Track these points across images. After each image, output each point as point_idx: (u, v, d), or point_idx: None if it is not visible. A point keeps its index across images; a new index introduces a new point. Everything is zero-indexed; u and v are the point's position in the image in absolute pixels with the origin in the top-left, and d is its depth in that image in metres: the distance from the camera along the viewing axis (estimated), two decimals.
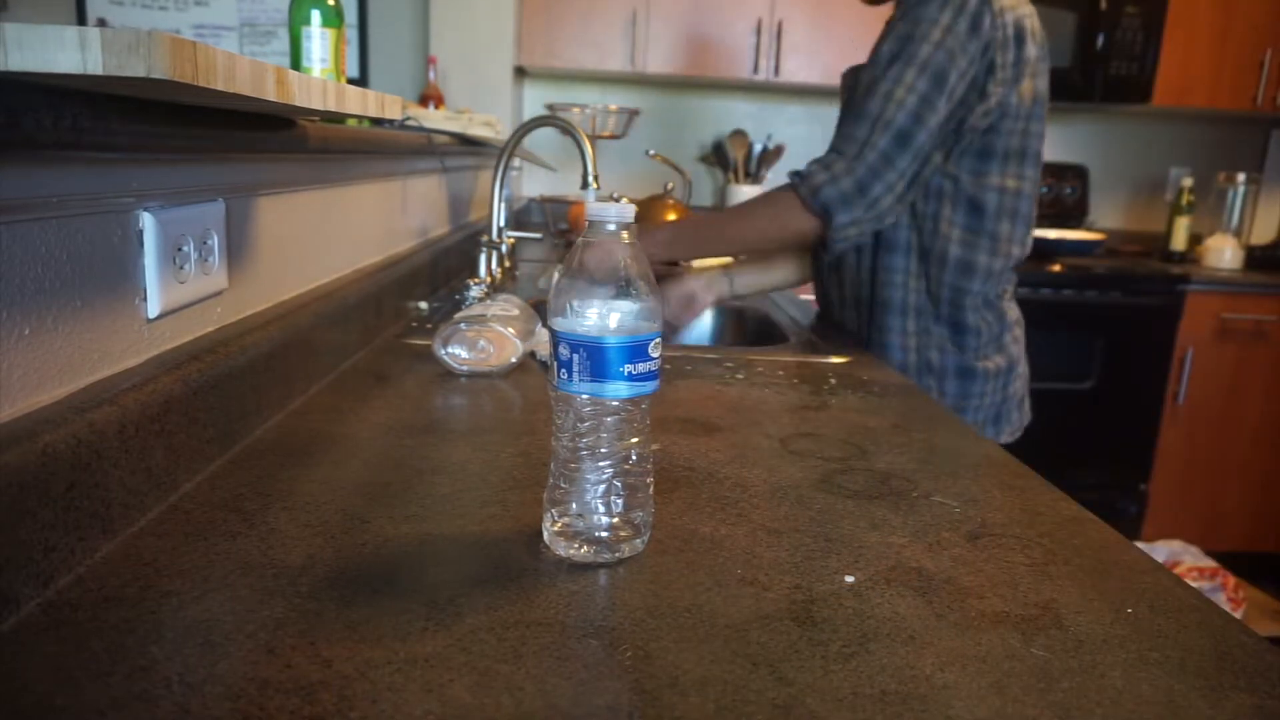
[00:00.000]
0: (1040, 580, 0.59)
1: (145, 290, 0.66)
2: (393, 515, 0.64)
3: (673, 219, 1.75)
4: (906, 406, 1.02)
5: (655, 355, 0.58)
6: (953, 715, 0.44)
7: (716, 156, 3.39)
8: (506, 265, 1.61)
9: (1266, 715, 0.46)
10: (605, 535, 0.59)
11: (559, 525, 0.59)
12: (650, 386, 0.58)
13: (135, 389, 0.59)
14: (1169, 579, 0.61)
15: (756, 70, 3.06)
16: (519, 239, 1.76)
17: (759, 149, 3.31)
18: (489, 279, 1.49)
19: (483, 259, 1.52)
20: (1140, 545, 1.47)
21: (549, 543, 0.60)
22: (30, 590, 0.49)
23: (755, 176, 3.30)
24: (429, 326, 1.26)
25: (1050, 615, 0.55)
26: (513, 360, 1.04)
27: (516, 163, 2.95)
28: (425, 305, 1.40)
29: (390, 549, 0.59)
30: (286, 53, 1.32)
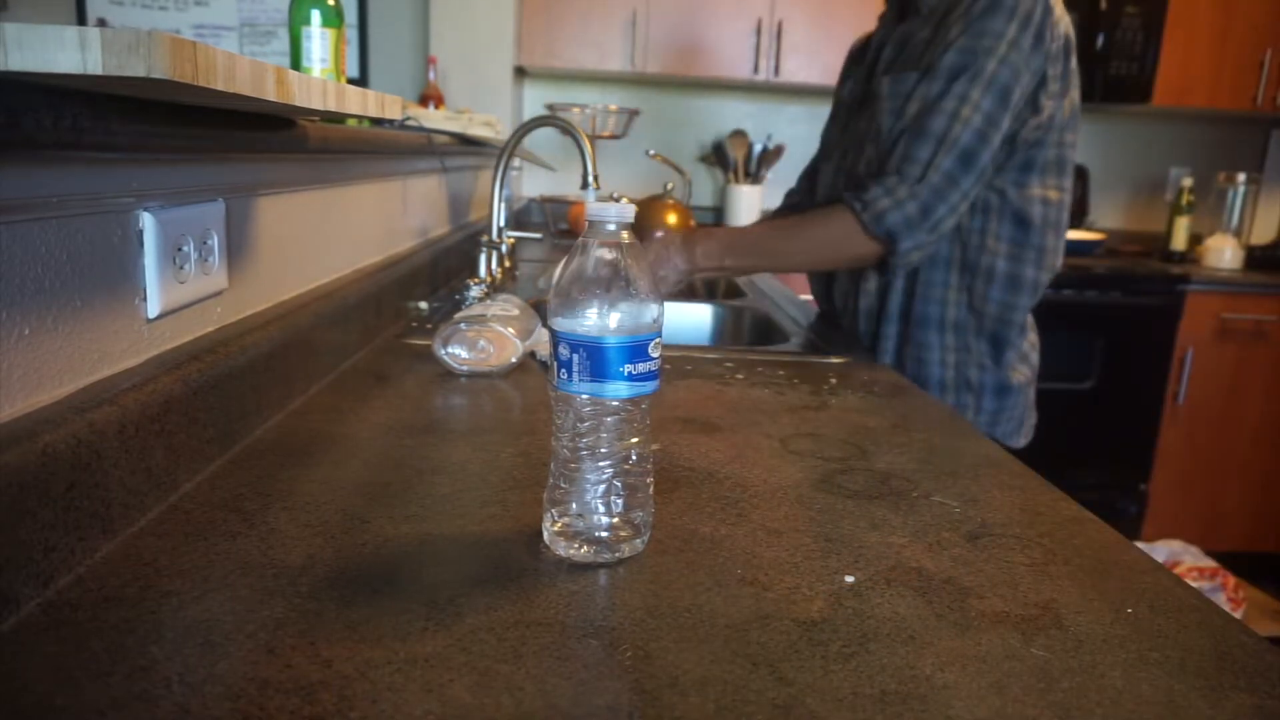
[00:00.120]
0: (1040, 580, 0.59)
1: (145, 290, 0.66)
2: (393, 515, 0.64)
3: (705, 227, 1.73)
4: (906, 406, 1.02)
5: (655, 355, 0.58)
6: (953, 715, 0.44)
7: (716, 156, 3.39)
8: (506, 265, 1.61)
9: (1266, 715, 0.46)
10: (605, 535, 0.59)
11: (559, 525, 0.59)
12: (650, 386, 0.58)
13: (135, 389, 0.59)
14: (1169, 579, 0.61)
15: (756, 70, 3.06)
16: (519, 239, 1.76)
17: (759, 149, 3.31)
18: (489, 279, 1.49)
19: (483, 259, 1.52)
20: (1140, 545, 1.46)
21: (549, 543, 0.60)
22: (30, 590, 0.49)
23: (755, 176, 3.30)
24: (429, 326, 1.26)
25: (1050, 615, 0.55)
26: (513, 360, 1.04)
27: (516, 163, 2.95)
28: (425, 305, 1.40)
29: (390, 549, 0.59)
30: (286, 53, 1.32)
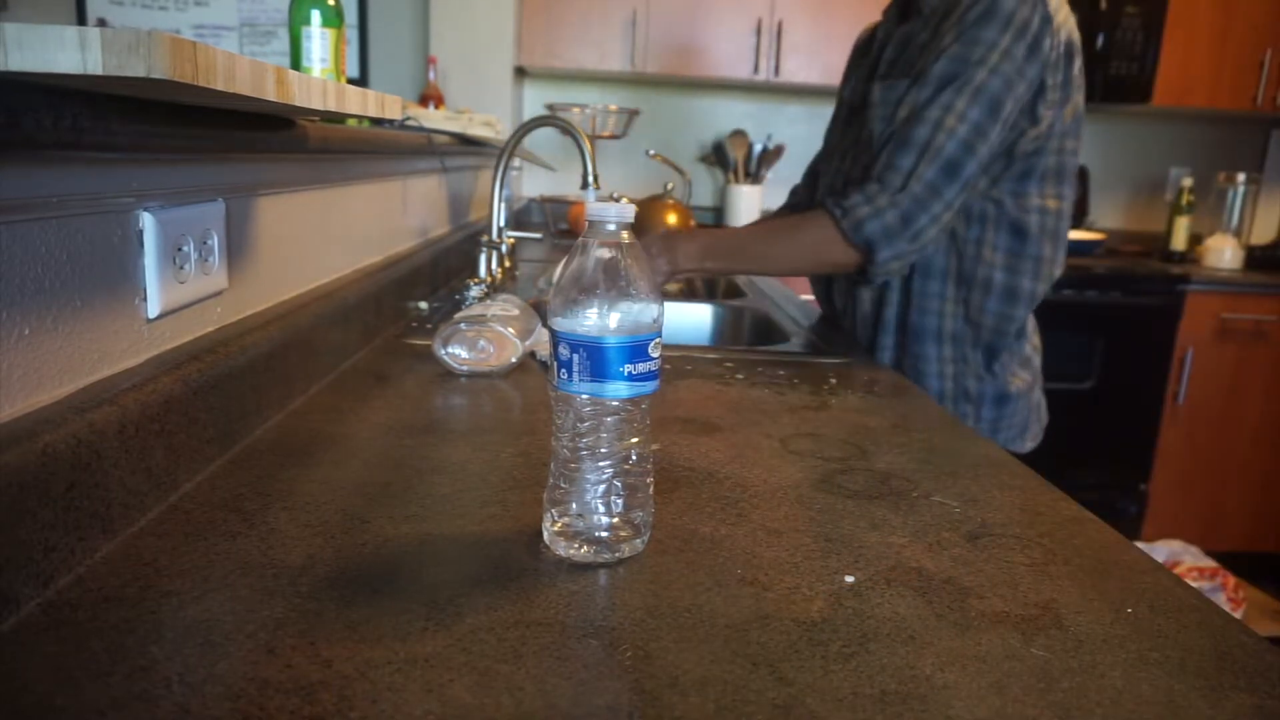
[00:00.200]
0: (1040, 580, 0.59)
1: (145, 290, 0.66)
2: (393, 515, 0.64)
3: (702, 228, 1.72)
4: (906, 406, 1.02)
5: (655, 355, 0.58)
6: (953, 715, 0.44)
7: (716, 156, 3.39)
8: (506, 265, 1.61)
9: (1266, 715, 0.46)
10: (605, 535, 0.59)
11: (559, 525, 0.59)
12: (650, 386, 0.58)
13: (135, 389, 0.59)
14: (1169, 579, 0.61)
15: (756, 70, 3.06)
16: (519, 239, 1.76)
17: (759, 149, 3.31)
18: (489, 279, 1.49)
19: (483, 259, 1.52)
20: (1140, 545, 1.46)
21: (549, 543, 0.60)
22: (30, 590, 0.49)
23: (755, 176, 3.30)
24: (429, 326, 1.26)
25: (1050, 615, 0.55)
26: (513, 360, 1.04)
27: (516, 163, 2.95)
28: (425, 305, 1.40)
29: (390, 549, 0.59)
30: (286, 53, 1.32)
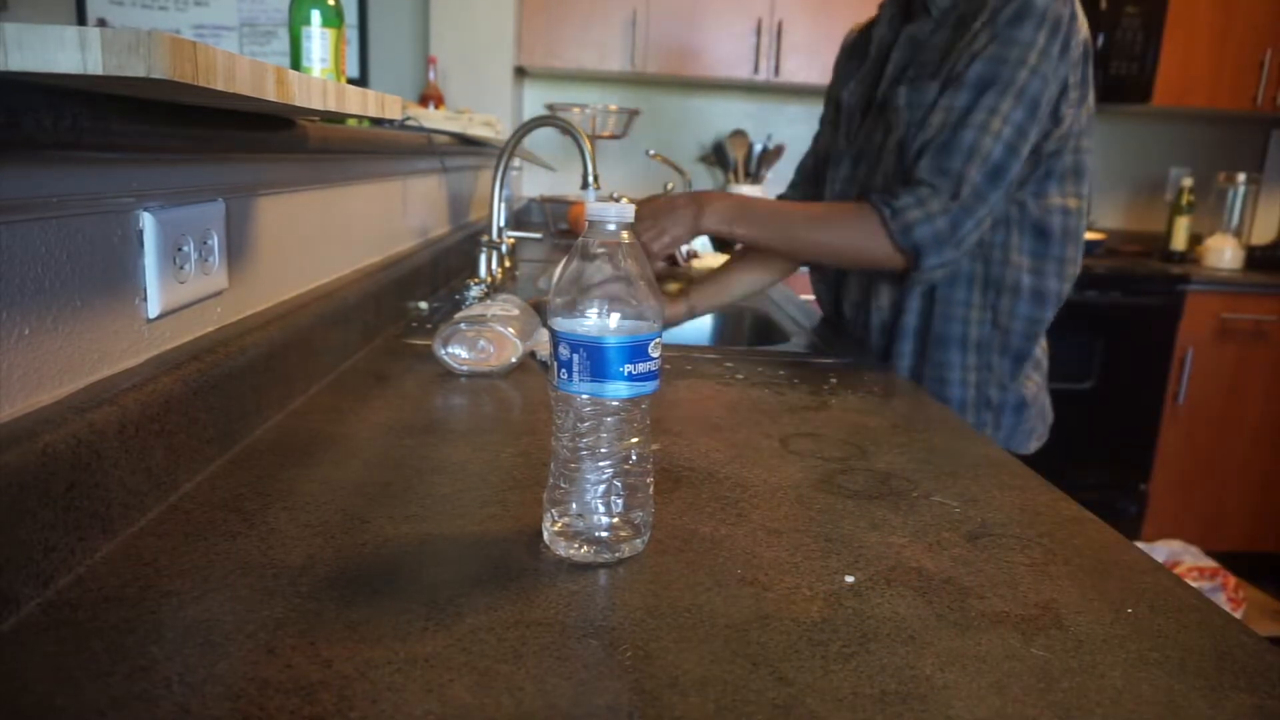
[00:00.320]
0: (1040, 580, 0.59)
1: (145, 290, 0.66)
2: (393, 515, 0.64)
3: (738, 194, 1.67)
4: (906, 406, 1.02)
5: (655, 355, 0.58)
6: (953, 715, 0.44)
7: (716, 156, 3.39)
8: (506, 265, 1.61)
9: (1266, 715, 0.46)
10: (605, 535, 0.59)
11: (559, 525, 0.59)
12: (650, 386, 0.58)
13: (135, 389, 0.59)
14: (1169, 579, 0.61)
15: (756, 70, 3.06)
16: (519, 239, 1.76)
17: (759, 149, 3.31)
18: (489, 279, 1.49)
19: (483, 259, 1.52)
20: (1140, 545, 1.46)
21: (549, 543, 0.60)
22: (30, 590, 0.49)
23: (755, 176, 3.30)
24: (429, 326, 1.26)
25: (1050, 615, 0.55)
26: (513, 360, 1.04)
27: (516, 163, 2.95)
28: (425, 305, 1.40)
29: (390, 549, 0.59)
30: (286, 53, 1.32)
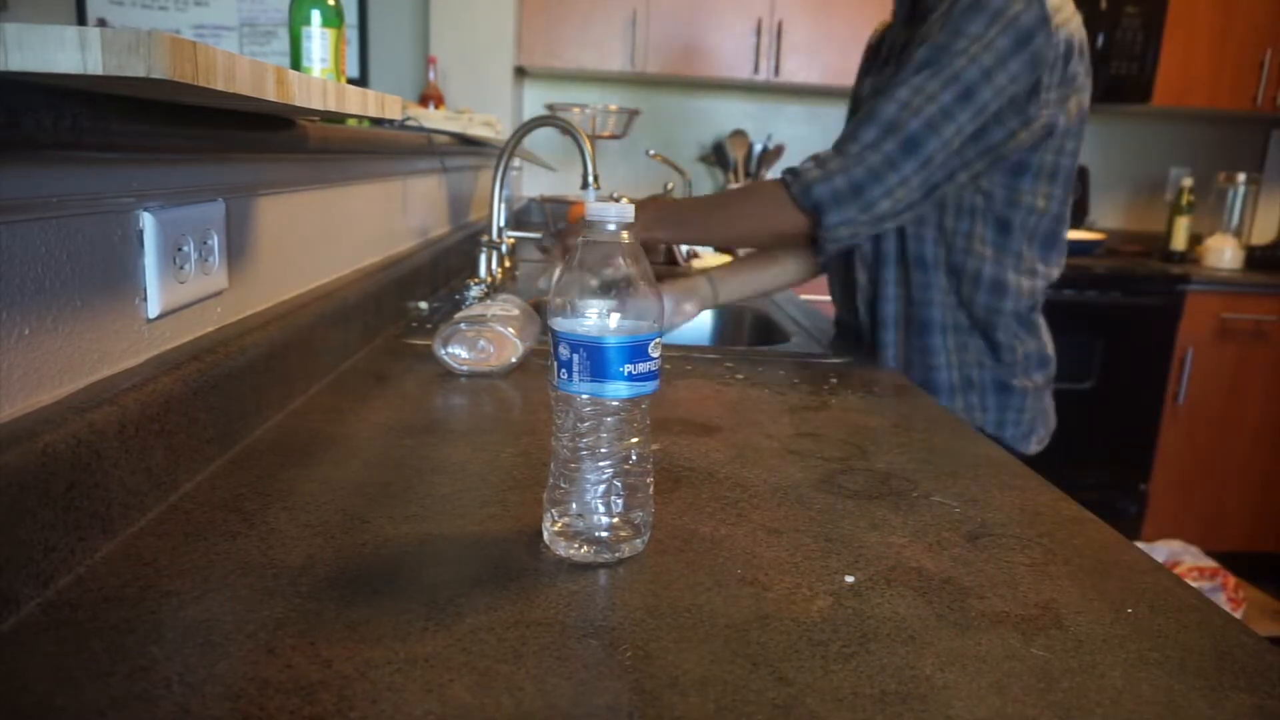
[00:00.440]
0: (1040, 580, 0.59)
1: (145, 290, 0.66)
2: (393, 515, 0.64)
3: (658, 198, 1.72)
4: (906, 406, 1.02)
5: (655, 355, 0.58)
6: (953, 715, 0.44)
7: (716, 156, 3.39)
8: (506, 265, 1.61)
9: (1266, 715, 0.46)
10: (605, 535, 0.59)
11: (559, 525, 0.59)
12: (650, 386, 0.58)
13: (135, 389, 0.59)
14: (1169, 579, 0.61)
15: (756, 70, 3.05)
16: (519, 239, 1.76)
17: (759, 149, 3.31)
18: (489, 279, 1.49)
19: (483, 259, 1.52)
20: (1140, 545, 1.46)
21: (549, 543, 0.60)
22: (30, 590, 0.49)
23: (755, 176, 3.30)
24: (429, 326, 1.26)
25: (1050, 615, 0.55)
26: (513, 360, 1.04)
27: (516, 163, 2.95)
28: (425, 305, 1.40)
29: (390, 549, 0.59)
30: (286, 53, 1.32)
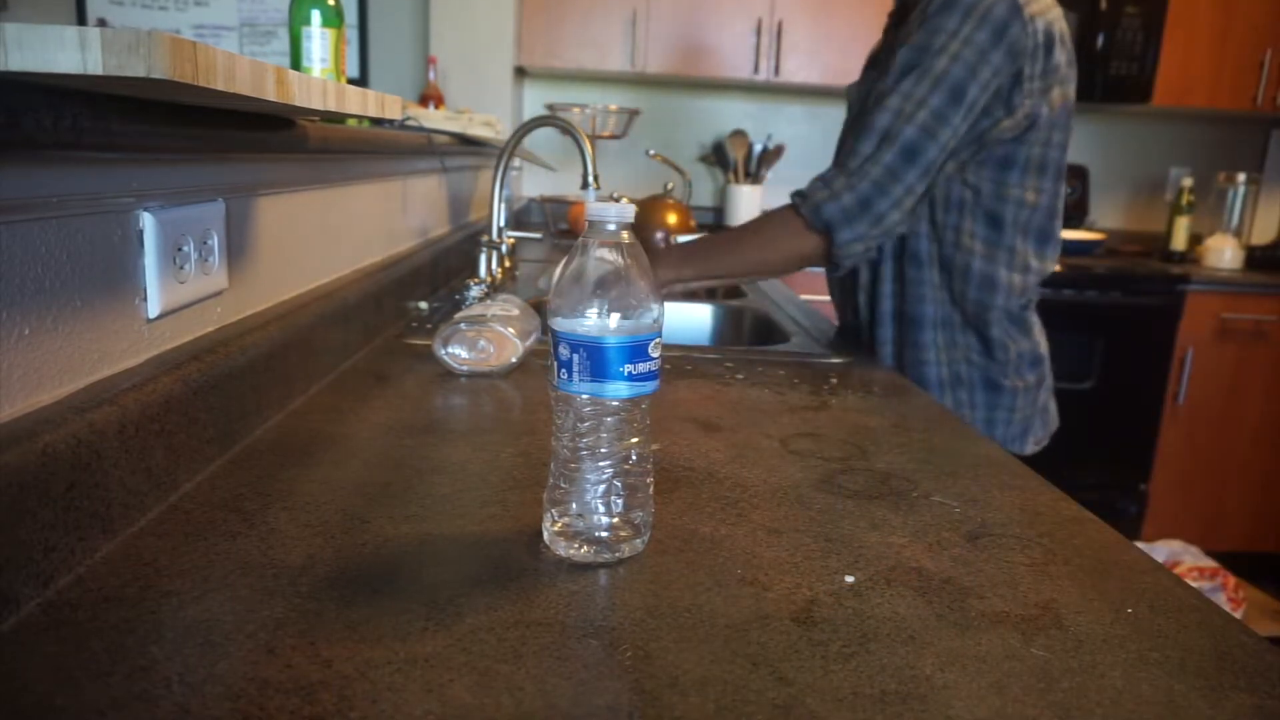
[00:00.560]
0: (1040, 580, 0.59)
1: (145, 290, 0.66)
2: (393, 515, 0.64)
3: (683, 239, 1.73)
4: (906, 406, 1.02)
5: (655, 355, 0.58)
6: (953, 715, 0.44)
7: (716, 156, 3.39)
8: (506, 265, 1.61)
9: (1266, 715, 0.46)
10: (605, 535, 0.59)
11: (559, 525, 0.59)
12: (650, 386, 0.58)
13: (135, 389, 0.59)
14: (1169, 579, 0.61)
15: (756, 70, 3.05)
16: (519, 239, 1.76)
17: (759, 149, 3.31)
18: (489, 279, 1.49)
19: (483, 259, 1.52)
20: (1140, 545, 1.46)
21: (549, 543, 0.60)
22: (30, 590, 0.49)
23: (755, 176, 3.30)
24: (429, 326, 1.26)
25: (1050, 615, 0.55)
26: (513, 360, 1.04)
27: (516, 163, 2.95)
28: (425, 305, 1.40)
29: (390, 549, 0.59)
30: (286, 53, 1.32)
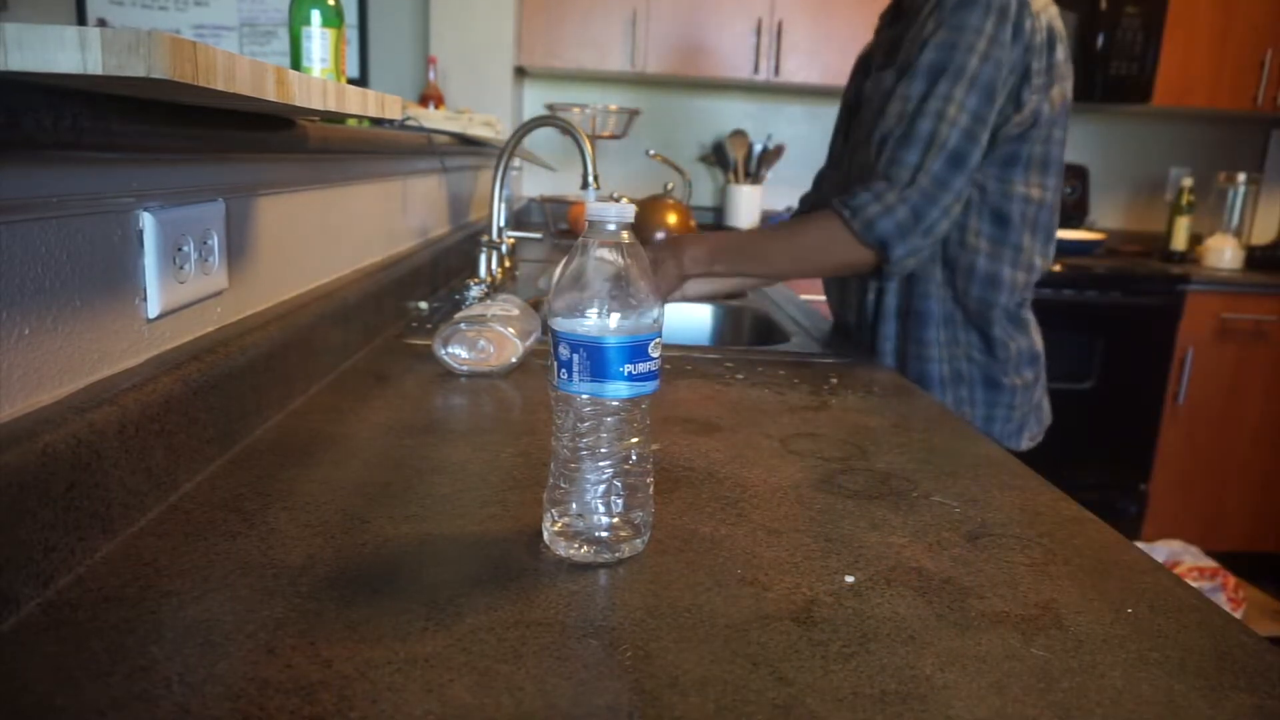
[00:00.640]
0: (1040, 580, 0.59)
1: (145, 290, 0.66)
2: (393, 515, 0.64)
3: (711, 232, 1.74)
4: (906, 406, 1.02)
5: (655, 355, 0.58)
6: (953, 715, 0.44)
7: (716, 156, 3.39)
8: (506, 265, 1.61)
9: (1266, 715, 0.46)
10: (605, 535, 0.59)
11: (559, 525, 0.59)
12: (650, 386, 0.58)
13: (135, 389, 0.59)
14: (1169, 579, 0.61)
15: (756, 70, 3.06)
16: (519, 239, 1.76)
17: (759, 149, 3.31)
18: (489, 279, 1.49)
19: (483, 259, 1.52)
20: (1140, 545, 1.46)
21: (549, 543, 0.60)
22: (30, 590, 0.49)
23: (755, 176, 3.30)
24: (429, 326, 1.26)
25: (1050, 615, 0.55)
26: (513, 360, 1.04)
27: (516, 163, 2.95)
28: (425, 305, 1.40)
29: (390, 549, 0.59)
30: (286, 53, 1.33)
